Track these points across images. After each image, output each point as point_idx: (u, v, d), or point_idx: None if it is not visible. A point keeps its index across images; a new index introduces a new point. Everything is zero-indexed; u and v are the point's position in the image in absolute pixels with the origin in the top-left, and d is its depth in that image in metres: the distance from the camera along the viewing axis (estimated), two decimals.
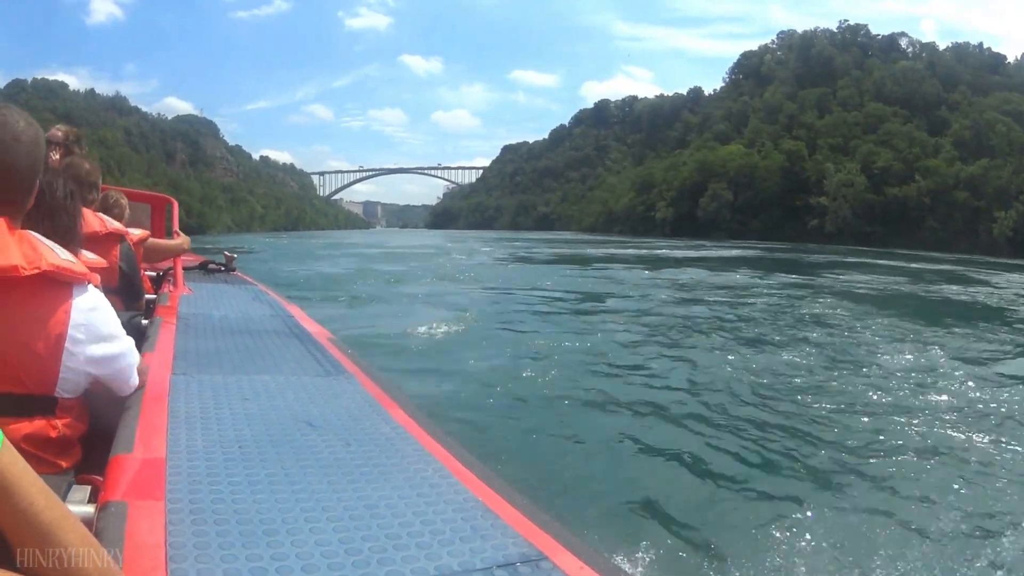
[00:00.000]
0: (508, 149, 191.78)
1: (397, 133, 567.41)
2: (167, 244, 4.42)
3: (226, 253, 5.55)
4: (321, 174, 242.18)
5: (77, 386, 1.43)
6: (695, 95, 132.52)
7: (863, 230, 71.50)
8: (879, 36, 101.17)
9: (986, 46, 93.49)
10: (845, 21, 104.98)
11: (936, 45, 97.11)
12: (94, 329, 1.43)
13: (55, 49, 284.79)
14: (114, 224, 2.96)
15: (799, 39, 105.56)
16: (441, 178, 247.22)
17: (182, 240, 4.51)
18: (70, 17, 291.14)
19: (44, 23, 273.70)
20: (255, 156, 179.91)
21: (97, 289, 1.49)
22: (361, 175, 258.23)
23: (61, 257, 1.37)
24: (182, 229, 4.95)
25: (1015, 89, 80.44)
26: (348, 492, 1.37)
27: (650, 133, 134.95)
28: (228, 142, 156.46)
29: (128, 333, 1.62)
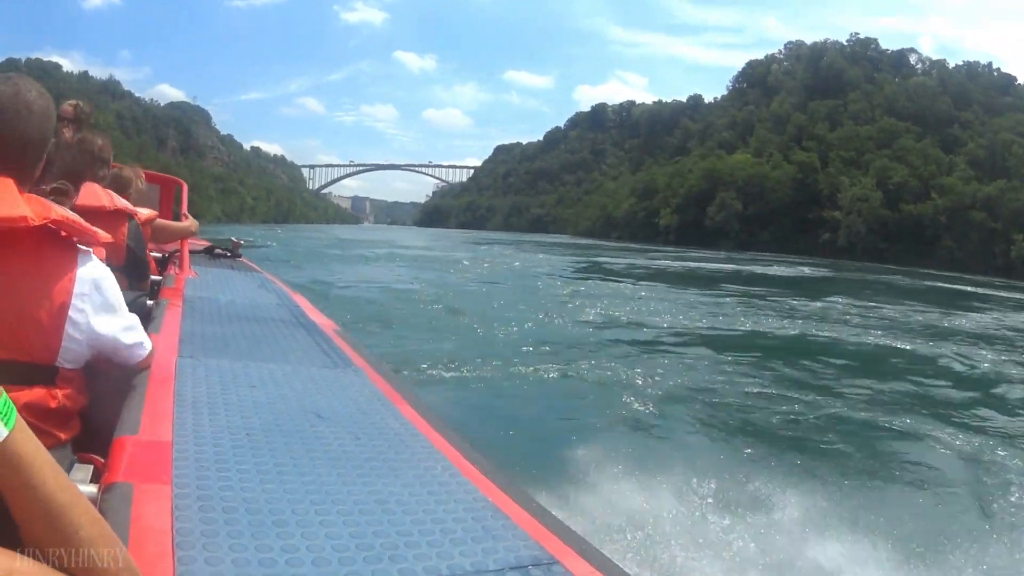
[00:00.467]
0: (501, 149, 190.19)
1: (388, 129, 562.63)
2: (175, 226, 4.34)
3: (232, 239, 5.55)
4: (312, 167, 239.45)
5: (78, 356, 1.41)
6: (695, 102, 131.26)
7: (877, 246, 70.29)
8: (888, 51, 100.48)
9: (995, 66, 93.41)
10: (856, 34, 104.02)
11: (946, 63, 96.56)
12: (98, 299, 1.41)
13: (50, 33, 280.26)
14: (122, 202, 2.92)
15: (808, 50, 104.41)
16: (432, 176, 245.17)
17: (190, 223, 4.41)
18: (67, 2, 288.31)
19: (41, 7, 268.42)
20: (246, 147, 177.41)
21: (102, 262, 1.47)
22: (352, 170, 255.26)
23: (70, 212, 1.37)
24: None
25: None
26: (358, 486, 1.34)
27: (648, 139, 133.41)
28: (220, 131, 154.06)
29: (132, 312, 1.59)
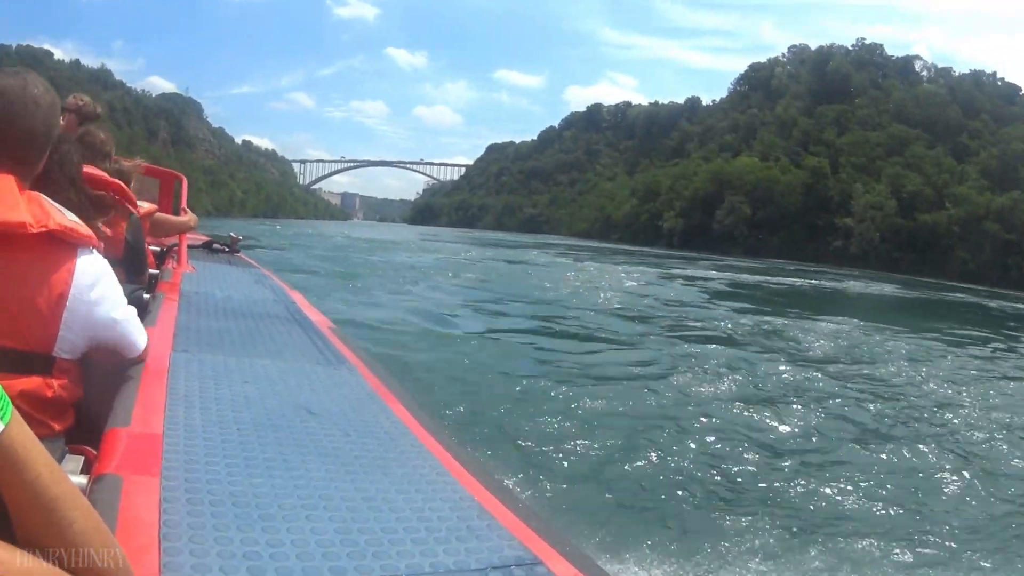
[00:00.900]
0: (493, 148, 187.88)
1: (378, 126, 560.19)
2: (174, 220, 4.35)
3: (231, 235, 5.48)
4: (302, 162, 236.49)
5: (75, 347, 1.42)
6: (692, 104, 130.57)
7: (891, 255, 69.25)
8: (893, 57, 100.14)
9: (999, 75, 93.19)
10: (862, 39, 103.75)
11: (952, 71, 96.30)
12: (97, 291, 1.43)
13: (42, 21, 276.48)
14: None
15: (813, 55, 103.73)
16: (422, 173, 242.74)
17: (189, 217, 4.39)
18: None
19: None
20: (237, 140, 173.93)
21: (100, 255, 1.49)
22: (342, 165, 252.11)
23: (68, 218, 1.37)
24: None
25: None
26: (346, 483, 1.35)
27: (644, 140, 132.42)
28: (212, 124, 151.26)
29: (129, 305, 1.62)
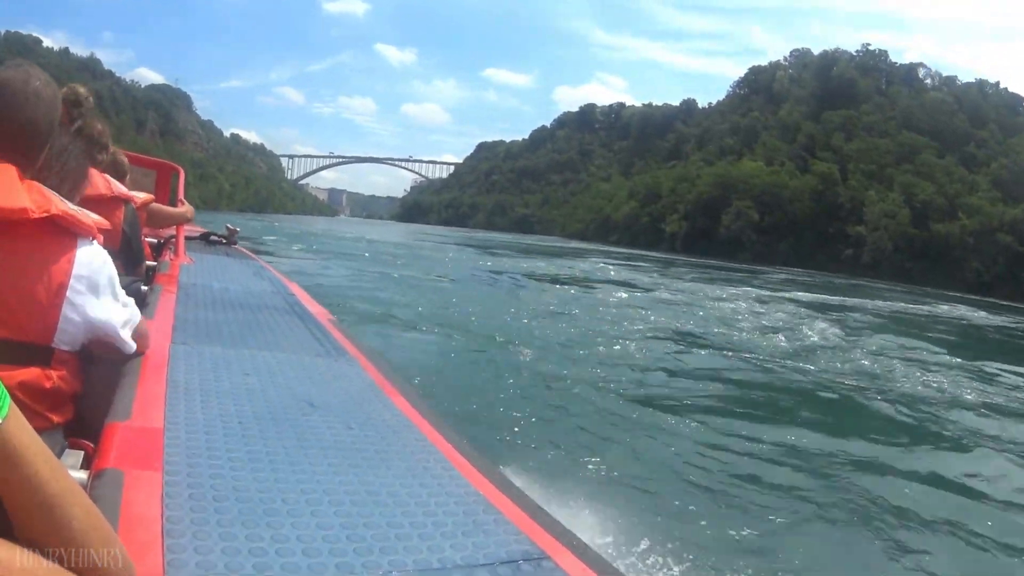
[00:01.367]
0: (484, 147, 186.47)
1: (366, 122, 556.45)
2: (171, 211, 4.31)
3: (228, 226, 5.37)
4: (291, 157, 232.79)
5: (74, 339, 1.41)
6: (688, 106, 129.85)
7: (904, 265, 67.97)
8: (897, 64, 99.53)
9: (1003, 85, 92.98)
10: (867, 45, 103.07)
11: (957, 79, 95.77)
12: (96, 283, 1.42)
13: (32, 11, 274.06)
14: (119, 188, 2.97)
15: (816, 59, 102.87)
16: (411, 171, 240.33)
17: (186, 209, 4.37)
18: None
19: None
20: (226, 134, 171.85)
21: (101, 246, 1.48)
22: (330, 161, 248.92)
23: (70, 206, 1.38)
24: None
25: None
26: (350, 476, 1.33)
27: (639, 141, 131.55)
28: (201, 116, 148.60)
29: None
